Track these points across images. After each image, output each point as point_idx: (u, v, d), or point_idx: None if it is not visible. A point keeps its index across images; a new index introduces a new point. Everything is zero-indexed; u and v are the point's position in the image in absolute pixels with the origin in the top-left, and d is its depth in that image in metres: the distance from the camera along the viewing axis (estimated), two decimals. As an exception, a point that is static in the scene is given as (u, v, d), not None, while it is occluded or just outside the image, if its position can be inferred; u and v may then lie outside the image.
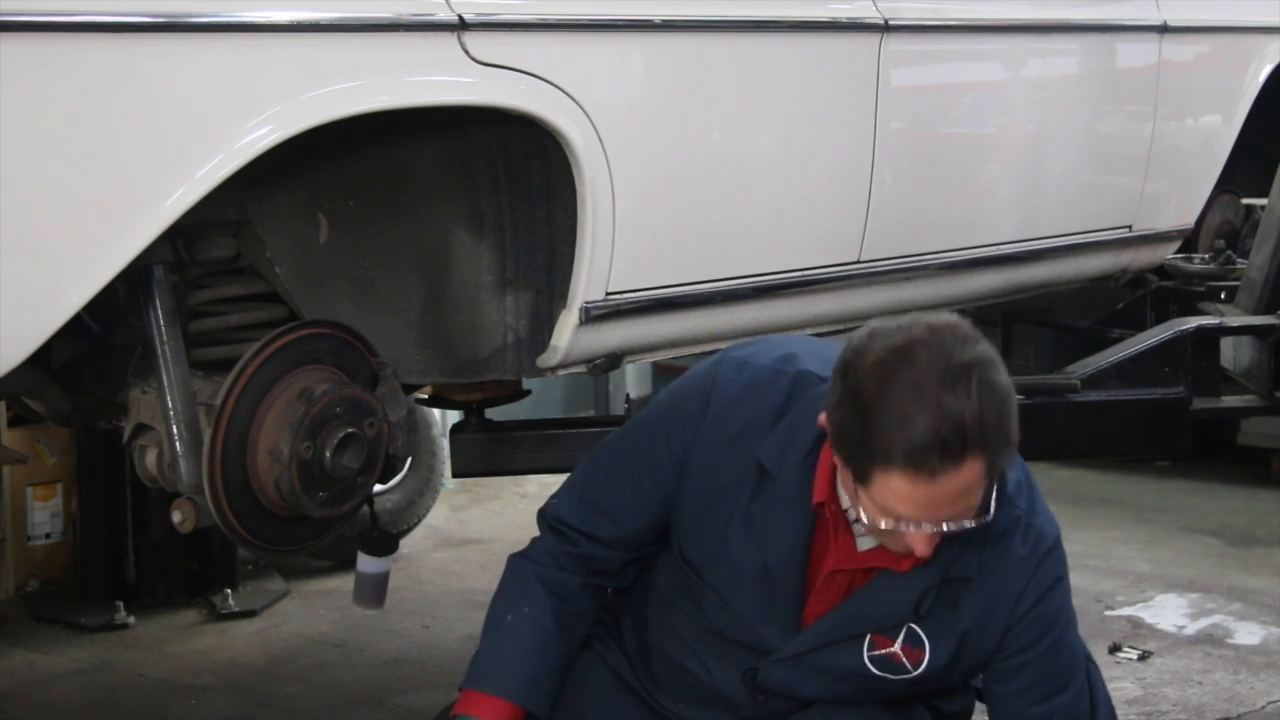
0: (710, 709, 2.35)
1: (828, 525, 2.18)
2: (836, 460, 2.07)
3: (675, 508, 2.29)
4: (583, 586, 2.37)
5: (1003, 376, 1.99)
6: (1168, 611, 4.68)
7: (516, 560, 2.40)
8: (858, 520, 2.08)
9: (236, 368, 2.48)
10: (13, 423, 4.69)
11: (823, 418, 2.06)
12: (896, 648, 2.21)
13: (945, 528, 2.02)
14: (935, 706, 2.39)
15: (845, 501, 2.14)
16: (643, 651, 2.41)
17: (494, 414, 3.30)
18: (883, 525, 2.02)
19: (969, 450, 1.94)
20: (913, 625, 2.19)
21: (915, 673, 2.22)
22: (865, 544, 2.19)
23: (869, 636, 2.21)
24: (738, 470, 2.22)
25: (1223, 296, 4.25)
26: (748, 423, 2.21)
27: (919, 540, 2.02)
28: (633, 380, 6.37)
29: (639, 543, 2.37)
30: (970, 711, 2.49)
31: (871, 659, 2.22)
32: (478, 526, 5.76)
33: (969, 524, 2.03)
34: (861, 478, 2.01)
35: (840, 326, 3.33)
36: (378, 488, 2.95)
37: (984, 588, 2.19)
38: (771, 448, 2.19)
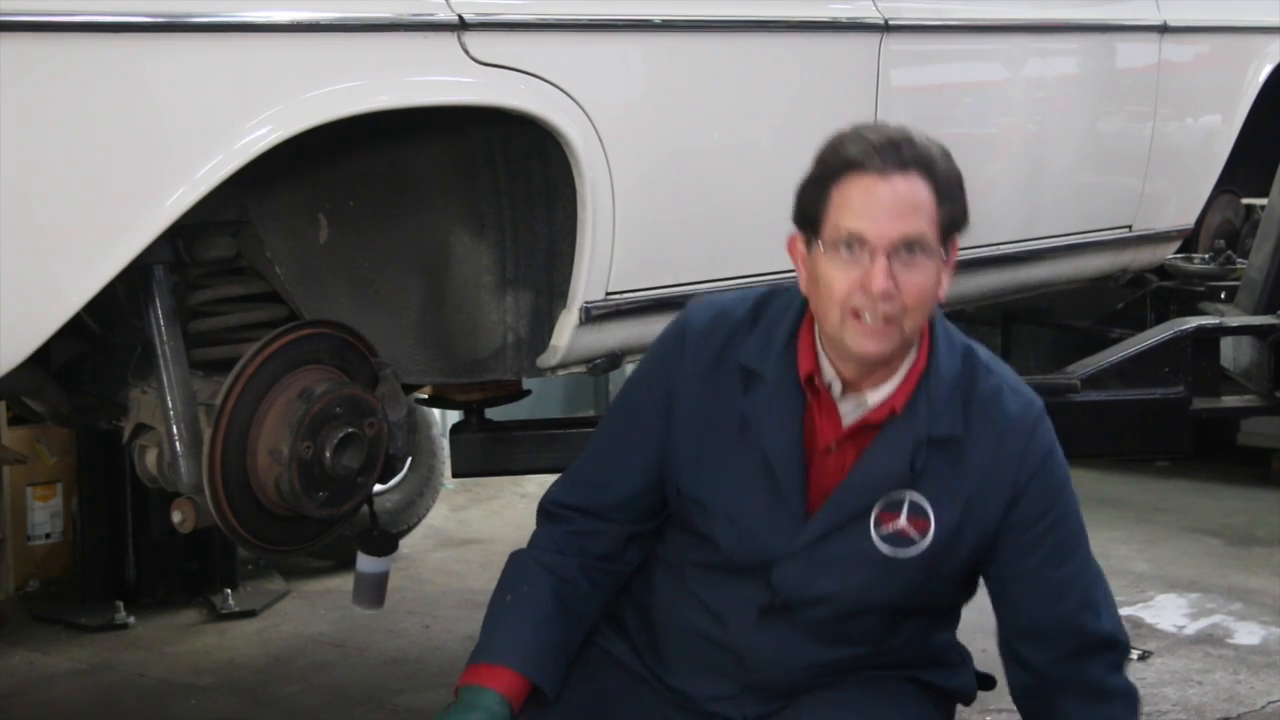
0: (718, 675, 2.33)
1: (815, 409, 2.23)
2: (799, 241, 2.21)
3: (669, 451, 2.31)
4: (581, 569, 2.35)
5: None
6: (1168, 611, 4.68)
7: (515, 553, 2.41)
8: (836, 383, 2.20)
9: (236, 368, 2.48)
10: (13, 423, 4.69)
11: (790, 238, 2.22)
12: (902, 521, 2.22)
13: (900, 254, 2.10)
14: (937, 685, 2.40)
15: (829, 373, 2.22)
16: (649, 633, 2.40)
17: (494, 414, 3.30)
18: (842, 253, 2.12)
19: (914, 164, 2.12)
20: (914, 498, 2.21)
21: (924, 543, 2.21)
22: (851, 419, 2.24)
23: (875, 514, 2.21)
24: (724, 386, 2.27)
25: (1223, 296, 4.25)
26: (724, 340, 2.29)
27: (877, 271, 2.09)
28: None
29: (635, 510, 2.37)
30: (972, 692, 2.49)
31: (880, 537, 2.22)
32: (478, 526, 5.76)
33: (920, 253, 2.12)
34: (819, 216, 2.15)
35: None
36: (378, 488, 2.95)
37: (982, 447, 2.22)
38: (750, 350, 2.26)
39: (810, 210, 2.17)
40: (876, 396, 2.22)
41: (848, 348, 2.16)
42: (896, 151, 2.12)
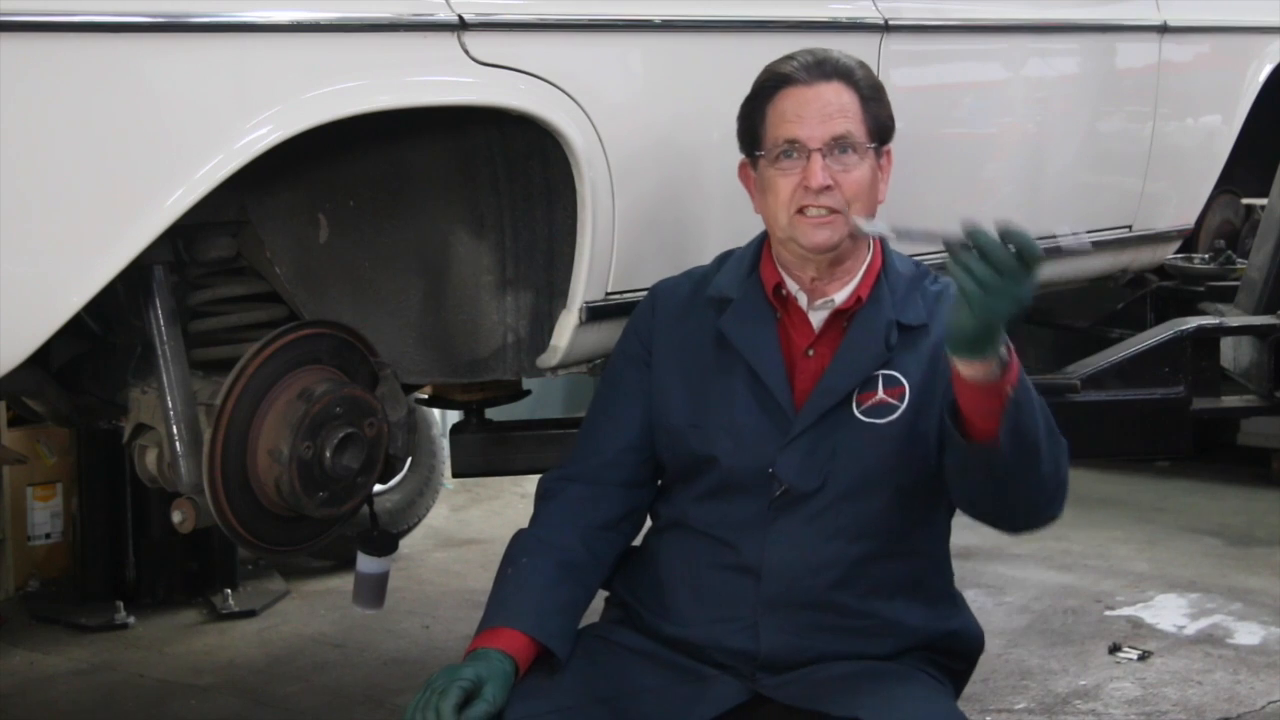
0: (732, 606, 2.37)
1: (787, 322, 2.42)
2: (748, 166, 2.46)
3: (655, 394, 2.46)
4: (581, 539, 2.43)
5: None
6: (1168, 611, 4.69)
7: (516, 533, 2.49)
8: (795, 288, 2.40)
9: (236, 368, 2.48)
10: (13, 423, 4.70)
11: (740, 165, 2.48)
12: (879, 394, 2.37)
13: (834, 153, 2.34)
14: (945, 631, 2.43)
15: (793, 286, 2.42)
16: (660, 596, 2.44)
17: (494, 414, 3.30)
18: (782, 161, 2.36)
19: (837, 74, 2.38)
20: (886, 371, 2.37)
21: (902, 406, 2.36)
22: (822, 323, 2.41)
23: (854, 397, 2.35)
24: (699, 320, 2.46)
25: (1223, 297, 4.25)
26: (692, 289, 2.50)
27: (814, 168, 2.33)
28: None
29: (627, 468, 2.47)
30: (977, 632, 2.51)
31: (861, 413, 2.36)
32: (478, 526, 5.77)
33: (853, 152, 2.35)
34: (759, 132, 2.40)
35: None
36: (378, 488, 2.95)
37: (939, 323, 2.37)
38: (718, 283, 2.47)
39: (751, 129, 2.44)
40: (843, 294, 2.41)
41: (801, 244, 2.36)
42: (820, 65, 2.39)
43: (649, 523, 2.56)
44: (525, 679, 2.29)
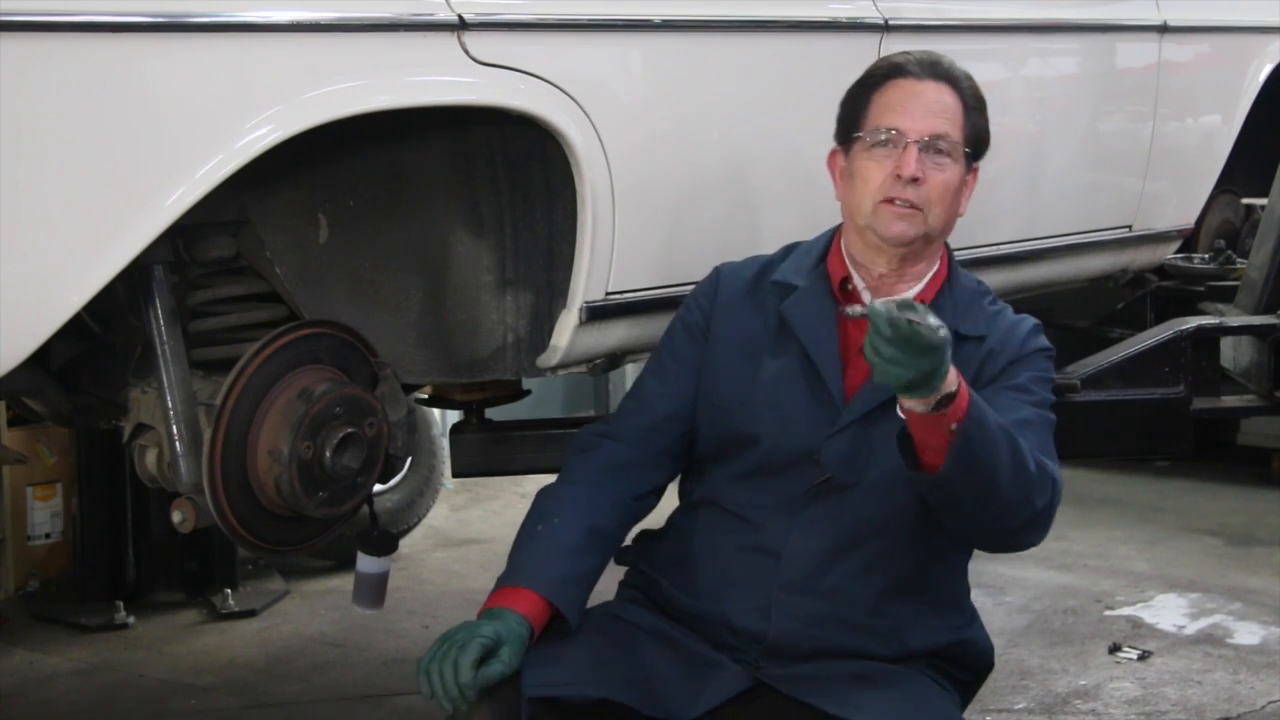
0: (749, 586, 2.38)
1: (848, 318, 2.40)
2: (839, 155, 2.49)
3: (707, 367, 2.49)
4: (613, 505, 2.44)
5: None
6: (1168, 611, 4.69)
7: (547, 486, 2.50)
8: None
9: (236, 368, 2.48)
10: (13, 423, 4.70)
11: (831, 153, 2.52)
12: None
13: (929, 150, 2.38)
14: (956, 642, 2.44)
15: (859, 281, 2.45)
16: (684, 571, 2.45)
17: (494, 414, 3.30)
18: (878, 149, 2.40)
19: (947, 78, 2.44)
20: None
21: None
22: None
23: None
24: (762, 304, 2.49)
25: (1223, 297, 4.25)
26: (758, 272, 2.53)
27: (909, 157, 2.37)
28: (632, 380, 6.37)
29: (666, 436, 2.49)
30: (987, 645, 2.51)
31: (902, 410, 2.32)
32: (478, 526, 5.77)
33: (946, 155, 2.40)
34: (860, 119, 2.44)
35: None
36: (378, 488, 2.95)
37: (991, 340, 2.45)
38: (785, 270, 2.51)
39: (852, 116, 2.47)
40: (907, 295, 2.43)
41: (879, 232, 2.40)
42: (933, 65, 2.45)
43: (677, 501, 2.57)
44: (540, 645, 2.30)
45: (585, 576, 2.39)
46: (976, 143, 2.47)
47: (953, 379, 2.11)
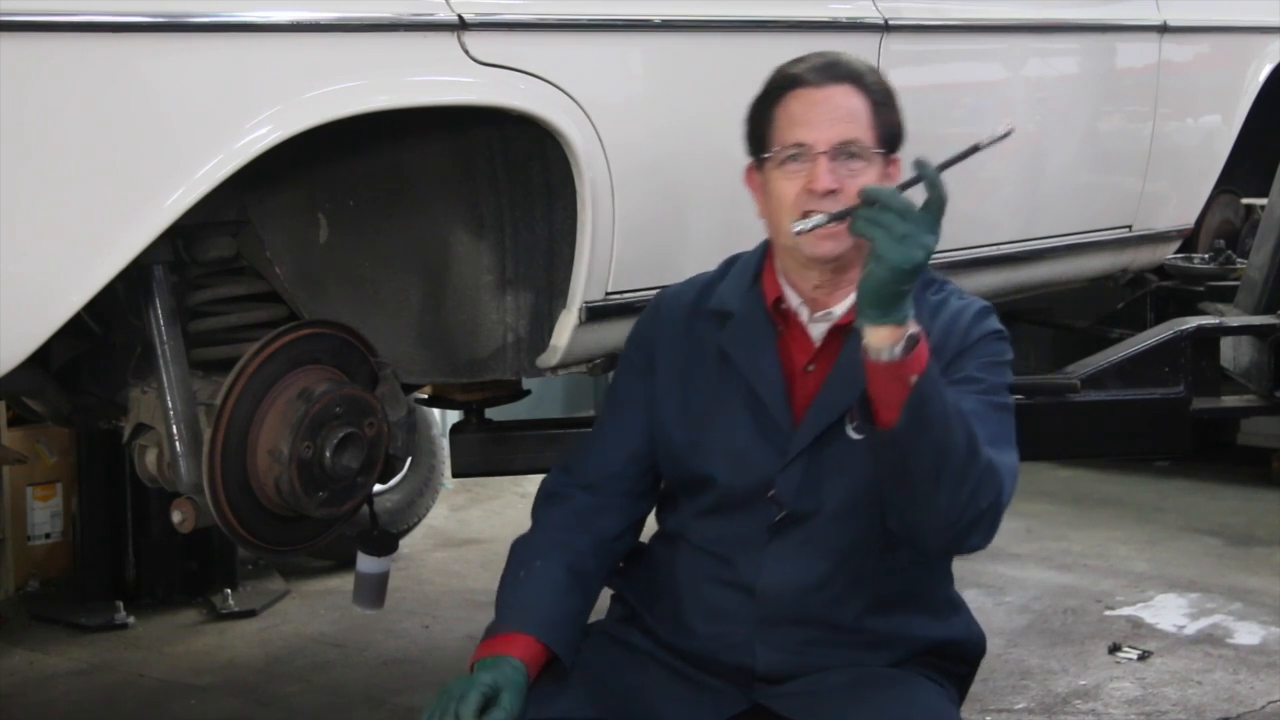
0: (730, 621, 2.36)
1: (787, 337, 2.37)
2: (754, 171, 2.39)
3: (657, 405, 2.43)
4: (590, 547, 2.41)
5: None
6: (1168, 611, 4.68)
7: (522, 535, 2.46)
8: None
9: (236, 368, 2.48)
10: (13, 423, 4.70)
11: (746, 169, 2.40)
12: None
13: (841, 158, 2.28)
14: (945, 640, 2.42)
15: (794, 300, 2.37)
16: (663, 604, 2.43)
17: (494, 414, 3.30)
18: (789, 165, 2.30)
19: (847, 78, 2.32)
20: None
21: None
22: (822, 338, 2.37)
23: (847, 414, 2.31)
24: (701, 333, 2.43)
25: (1223, 297, 4.25)
26: (696, 297, 2.46)
27: (820, 171, 2.27)
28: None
29: (632, 479, 2.44)
30: (977, 637, 2.48)
31: (853, 428, 2.31)
32: (478, 526, 5.77)
33: (859, 158, 2.29)
34: (766, 135, 2.34)
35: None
36: (378, 488, 2.95)
37: (934, 334, 2.32)
38: (720, 295, 2.44)
39: (757, 131, 2.37)
40: (841, 307, 2.34)
41: (804, 253, 2.31)
42: (831, 68, 2.33)
43: (655, 526, 2.56)
44: (538, 685, 2.28)
45: (575, 617, 2.36)
46: (890, 139, 2.35)
47: (913, 324, 2.10)
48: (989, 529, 2.24)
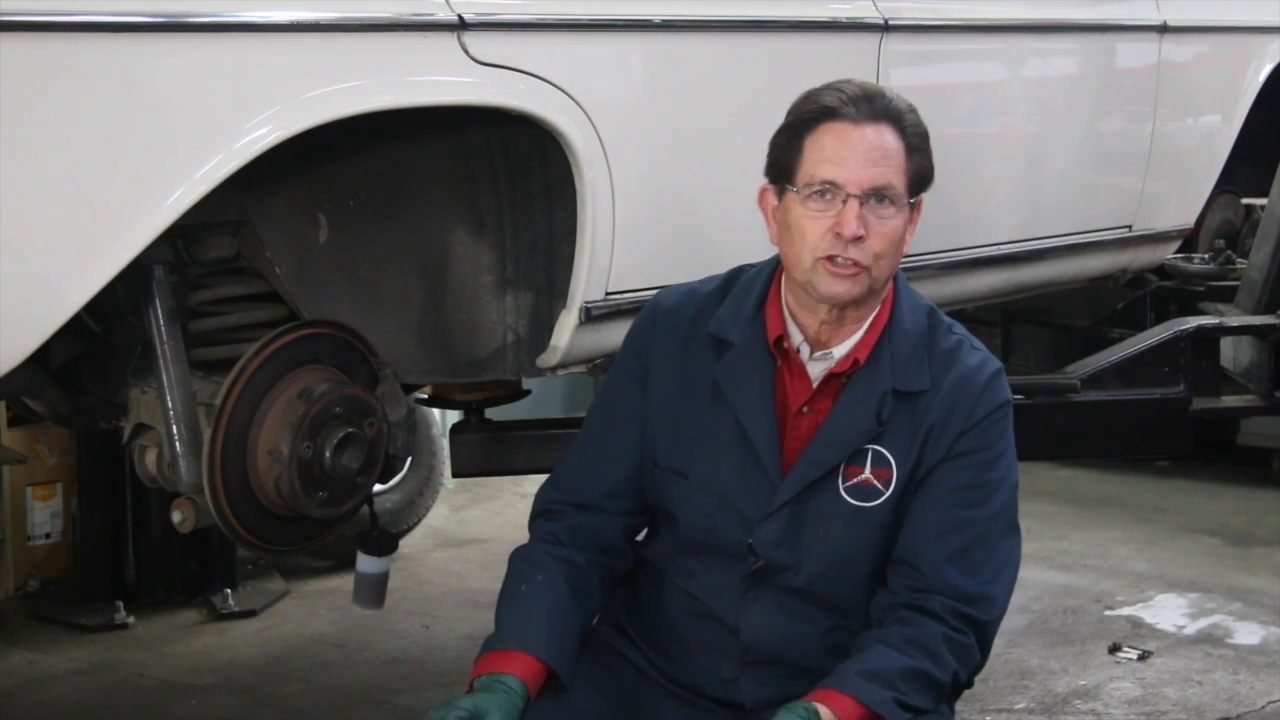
0: (717, 657, 2.34)
1: (785, 373, 2.30)
2: (770, 193, 2.30)
3: (649, 427, 2.36)
4: (589, 562, 2.37)
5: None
6: (1168, 611, 4.68)
7: (520, 548, 2.41)
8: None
9: (236, 368, 2.48)
10: (13, 423, 4.69)
11: (761, 190, 2.31)
12: (866, 472, 2.27)
13: (870, 202, 2.19)
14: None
15: (796, 337, 2.30)
16: (650, 633, 2.41)
17: (494, 414, 3.30)
18: (815, 201, 2.20)
19: (886, 117, 2.21)
20: (876, 449, 2.27)
21: (887, 492, 2.27)
22: (820, 379, 2.30)
23: (842, 469, 2.27)
24: (697, 357, 2.34)
25: (1223, 297, 4.25)
26: (694, 315, 2.36)
27: (849, 216, 2.18)
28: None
29: (627, 497, 2.39)
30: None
31: (847, 490, 2.27)
32: (478, 526, 5.76)
33: (890, 204, 2.21)
34: (793, 164, 2.23)
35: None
36: (378, 488, 2.95)
37: (940, 396, 2.28)
38: (720, 319, 2.34)
39: (783, 159, 2.26)
40: (841, 350, 2.29)
41: (818, 291, 2.24)
42: (870, 103, 2.22)
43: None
44: (539, 702, 2.25)
45: (575, 632, 2.31)
46: (920, 182, 2.27)
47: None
48: (978, 669, 2.29)
